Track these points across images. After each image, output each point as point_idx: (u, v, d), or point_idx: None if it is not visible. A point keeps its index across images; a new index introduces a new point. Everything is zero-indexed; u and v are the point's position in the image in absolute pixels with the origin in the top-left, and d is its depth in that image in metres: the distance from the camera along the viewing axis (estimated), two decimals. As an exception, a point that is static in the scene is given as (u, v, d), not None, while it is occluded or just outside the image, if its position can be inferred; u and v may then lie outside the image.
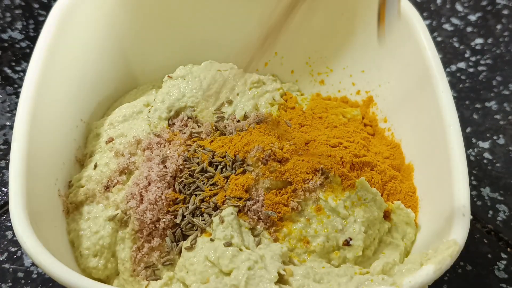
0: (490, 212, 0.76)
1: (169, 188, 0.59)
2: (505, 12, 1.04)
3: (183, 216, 0.57)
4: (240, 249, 0.52)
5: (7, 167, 0.75)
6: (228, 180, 0.58)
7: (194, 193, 0.58)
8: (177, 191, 0.59)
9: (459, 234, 0.50)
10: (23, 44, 0.91)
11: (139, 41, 0.75)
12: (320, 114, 0.71)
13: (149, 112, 0.67)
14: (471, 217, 0.62)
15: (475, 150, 0.84)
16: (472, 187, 0.79)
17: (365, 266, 0.57)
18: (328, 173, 0.58)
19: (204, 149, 0.62)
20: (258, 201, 0.57)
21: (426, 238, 0.58)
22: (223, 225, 0.54)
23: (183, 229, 0.56)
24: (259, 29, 0.66)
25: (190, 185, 0.59)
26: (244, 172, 0.59)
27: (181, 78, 0.70)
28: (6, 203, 0.72)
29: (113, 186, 0.60)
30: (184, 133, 0.65)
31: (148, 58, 0.77)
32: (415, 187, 0.64)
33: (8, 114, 0.83)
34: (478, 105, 0.90)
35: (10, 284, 0.65)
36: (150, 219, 0.56)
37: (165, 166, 0.60)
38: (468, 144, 0.84)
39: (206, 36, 0.77)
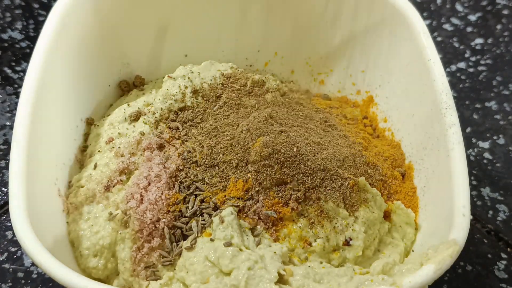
0: (490, 212, 0.76)
1: (169, 188, 0.59)
2: (505, 12, 1.04)
3: (183, 216, 0.57)
4: (240, 249, 0.52)
5: (7, 167, 0.75)
6: (228, 180, 0.58)
7: (194, 193, 0.58)
8: (177, 191, 0.59)
9: (459, 234, 0.50)
10: (23, 44, 0.91)
11: (139, 41, 0.75)
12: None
13: (149, 112, 0.67)
14: (471, 217, 0.62)
15: (475, 150, 0.84)
16: (472, 187, 0.79)
17: (365, 266, 0.57)
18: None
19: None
20: (258, 201, 0.57)
21: (426, 238, 0.58)
22: (223, 225, 0.54)
23: (183, 229, 0.56)
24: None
25: (190, 185, 0.59)
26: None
27: (181, 78, 0.70)
28: (6, 203, 0.72)
29: (113, 186, 0.60)
30: (184, 133, 0.65)
31: (148, 58, 0.77)
32: (415, 187, 0.64)
33: (8, 114, 0.83)
34: (478, 105, 0.90)
35: (10, 284, 0.65)
36: (150, 219, 0.56)
37: (165, 166, 0.60)
38: (468, 144, 0.84)
39: (206, 36, 0.77)
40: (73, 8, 0.65)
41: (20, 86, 0.68)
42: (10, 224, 0.70)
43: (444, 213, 0.54)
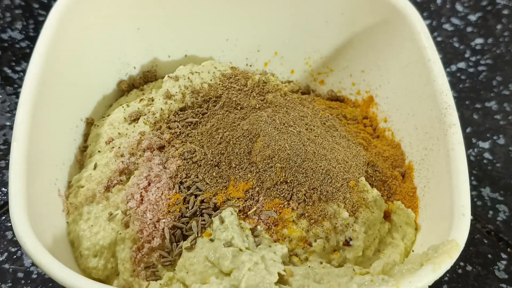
0: (490, 212, 0.76)
1: (169, 189, 0.59)
2: (505, 12, 1.04)
3: (183, 217, 0.57)
4: (240, 250, 0.52)
5: (7, 167, 0.75)
6: (229, 181, 0.58)
7: (194, 193, 0.58)
8: (177, 191, 0.58)
9: (459, 234, 0.51)
10: (23, 44, 0.91)
11: (138, 41, 0.75)
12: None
13: (149, 112, 0.67)
14: (471, 217, 0.62)
15: (475, 150, 0.84)
16: (472, 187, 0.79)
17: (365, 266, 0.57)
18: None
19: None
20: (258, 201, 0.57)
21: (426, 238, 0.58)
22: (223, 226, 0.54)
23: (183, 230, 0.56)
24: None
25: (190, 186, 0.59)
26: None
27: (181, 78, 0.70)
28: (6, 203, 0.72)
29: (113, 186, 0.60)
30: (185, 133, 0.65)
31: (148, 58, 0.77)
32: (415, 187, 0.64)
33: (8, 114, 0.83)
34: (478, 105, 0.90)
35: (10, 284, 0.65)
36: (150, 219, 0.56)
37: (165, 167, 0.60)
38: (468, 144, 0.84)
39: (206, 36, 0.77)
40: (73, 8, 0.65)
41: (20, 86, 0.68)
42: (10, 224, 0.70)
43: (444, 213, 0.54)
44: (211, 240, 0.54)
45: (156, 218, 0.56)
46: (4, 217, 0.72)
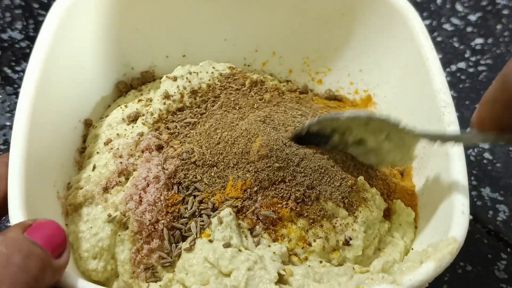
0: (490, 212, 0.76)
1: (167, 189, 0.58)
2: (505, 12, 1.04)
3: (182, 217, 0.57)
4: (239, 250, 0.52)
5: (6, 168, 0.75)
6: (227, 181, 0.58)
7: (193, 194, 0.58)
8: (176, 192, 0.58)
9: (458, 231, 0.51)
10: (23, 44, 0.91)
11: (138, 41, 0.75)
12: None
13: (147, 113, 0.67)
14: (471, 217, 0.62)
15: (475, 150, 0.83)
16: (472, 187, 0.78)
17: (365, 265, 0.57)
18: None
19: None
20: (257, 201, 0.57)
21: (426, 236, 0.58)
22: (221, 226, 0.54)
23: (182, 230, 0.56)
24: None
25: (189, 186, 0.59)
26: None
27: (179, 79, 0.69)
28: (6, 204, 0.72)
29: (112, 188, 0.60)
30: (183, 134, 0.65)
31: (146, 59, 0.77)
32: (414, 185, 0.64)
33: (8, 114, 0.83)
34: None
35: (9, 285, 0.65)
36: (149, 220, 0.56)
37: (163, 167, 0.60)
38: (468, 144, 0.84)
39: (204, 36, 0.77)
40: (72, 8, 0.65)
41: (20, 86, 0.68)
42: (9, 225, 0.70)
43: (443, 211, 0.54)
44: (210, 241, 0.54)
45: (155, 219, 0.56)
46: (3, 219, 0.71)
